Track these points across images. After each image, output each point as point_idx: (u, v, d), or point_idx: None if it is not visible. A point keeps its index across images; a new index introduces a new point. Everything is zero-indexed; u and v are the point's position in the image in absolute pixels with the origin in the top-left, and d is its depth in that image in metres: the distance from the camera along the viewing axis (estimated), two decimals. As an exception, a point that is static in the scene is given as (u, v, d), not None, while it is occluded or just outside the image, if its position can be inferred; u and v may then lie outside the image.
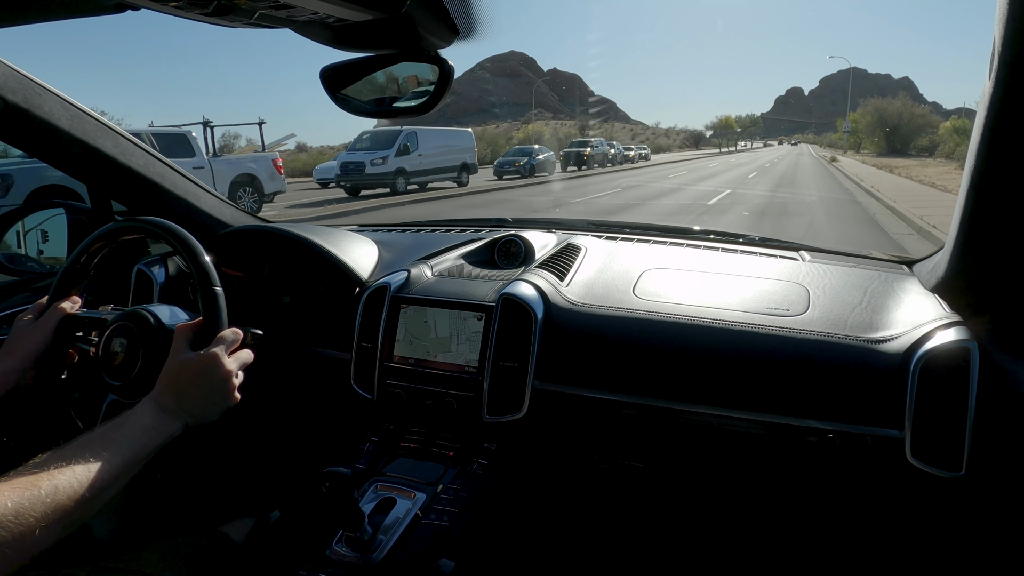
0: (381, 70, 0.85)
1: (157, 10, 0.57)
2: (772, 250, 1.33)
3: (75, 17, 0.74)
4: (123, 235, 0.96)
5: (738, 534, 1.22)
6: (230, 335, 0.83)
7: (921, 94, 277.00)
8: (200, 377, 0.78)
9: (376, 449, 1.07)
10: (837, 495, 1.06)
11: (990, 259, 0.88)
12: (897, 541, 1.06)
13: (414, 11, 0.63)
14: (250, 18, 0.59)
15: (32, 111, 1.04)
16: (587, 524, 1.27)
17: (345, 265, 1.24)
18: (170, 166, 1.31)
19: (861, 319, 0.99)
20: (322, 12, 0.60)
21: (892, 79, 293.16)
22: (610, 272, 1.19)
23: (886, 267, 1.22)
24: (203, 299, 0.85)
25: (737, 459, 1.05)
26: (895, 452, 0.87)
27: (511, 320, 1.04)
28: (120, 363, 0.86)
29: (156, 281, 1.24)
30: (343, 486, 0.75)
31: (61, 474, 0.62)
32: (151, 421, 0.74)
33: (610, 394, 1.01)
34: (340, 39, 0.73)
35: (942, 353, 0.87)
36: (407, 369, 1.09)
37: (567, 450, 1.15)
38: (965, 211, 0.83)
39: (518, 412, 1.02)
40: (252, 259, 1.31)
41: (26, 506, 0.57)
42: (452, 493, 0.94)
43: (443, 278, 1.20)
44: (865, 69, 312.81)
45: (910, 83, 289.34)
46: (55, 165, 1.16)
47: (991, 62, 0.66)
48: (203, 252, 0.88)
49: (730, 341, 0.97)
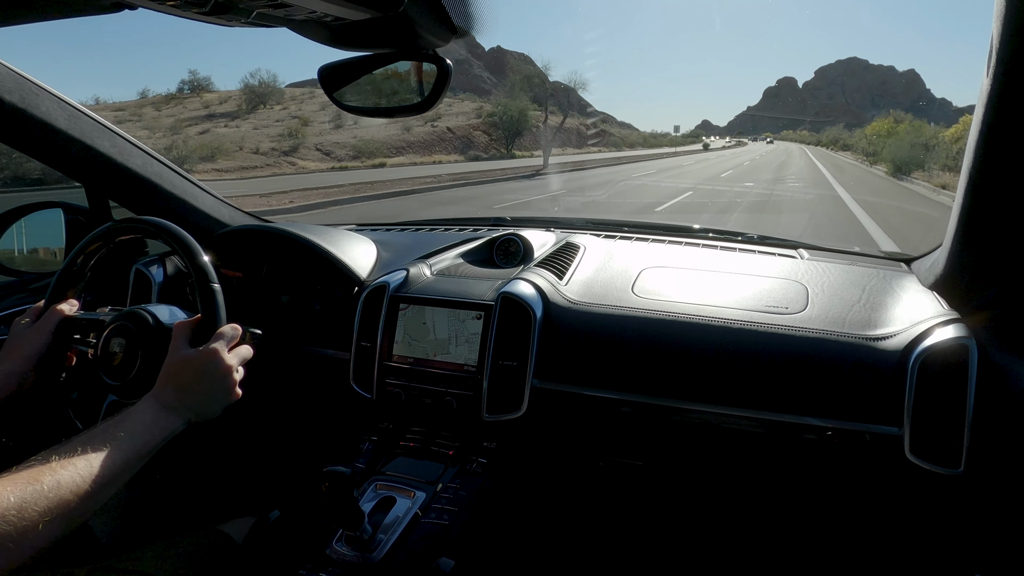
0: (379, 69, 0.85)
1: (155, 9, 0.57)
2: (771, 248, 1.33)
3: (72, 16, 0.73)
4: (120, 235, 0.96)
5: (737, 531, 1.22)
6: (229, 331, 0.83)
7: (928, 89, 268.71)
8: (200, 373, 0.78)
9: (375, 448, 1.07)
10: (836, 492, 1.06)
11: (988, 256, 0.88)
12: (896, 538, 1.07)
13: (412, 10, 0.63)
14: (248, 17, 0.59)
15: (29, 111, 1.04)
16: (586, 522, 1.27)
17: (344, 264, 1.23)
18: (168, 166, 1.31)
19: (860, 317, 0.99)
20: (320, 11, 0.60)
21: (896, 72, 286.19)
22: (609, 271, 1.19)
23: (884, 265, 1.22)
24: (201, 296, 0.85)
25: (736, 457, 1.05)
26: (894, 449, 0.88)
27: (510, 319, 1.04)
28: (119, 363, 0.86)
29: (154, 281, 1.23)
30: (343, 485, 0.75)
31: (63, 469, 0.62)
32: (152, 417, 0.74)
33: (609, 392, 1.01)
34: (338, 38, 0.73)
35: (940, 350, 0.87)
36: (406, 368, 1.09)
37: (566, 448, 1.15)
38: (963, 209, 0.83)
39: (517, 411, 1.02)
40: (250, 258, 1.31)
41: (28, 501, 0.57)
42: (451, 492, 0.94)
43: (442, 277, 1.20)
44: (867, 60, 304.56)
45: (916, 77, 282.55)
46: (53, 165, 1.15)
47: (989, 59, 0.66)
48: (201, 251, 0.88)
49: (729, 339, 0.97)
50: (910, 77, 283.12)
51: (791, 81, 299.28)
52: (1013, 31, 0.61)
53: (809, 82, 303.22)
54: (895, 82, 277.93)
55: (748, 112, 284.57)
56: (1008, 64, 0.64)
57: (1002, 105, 0.67)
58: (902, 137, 28.84)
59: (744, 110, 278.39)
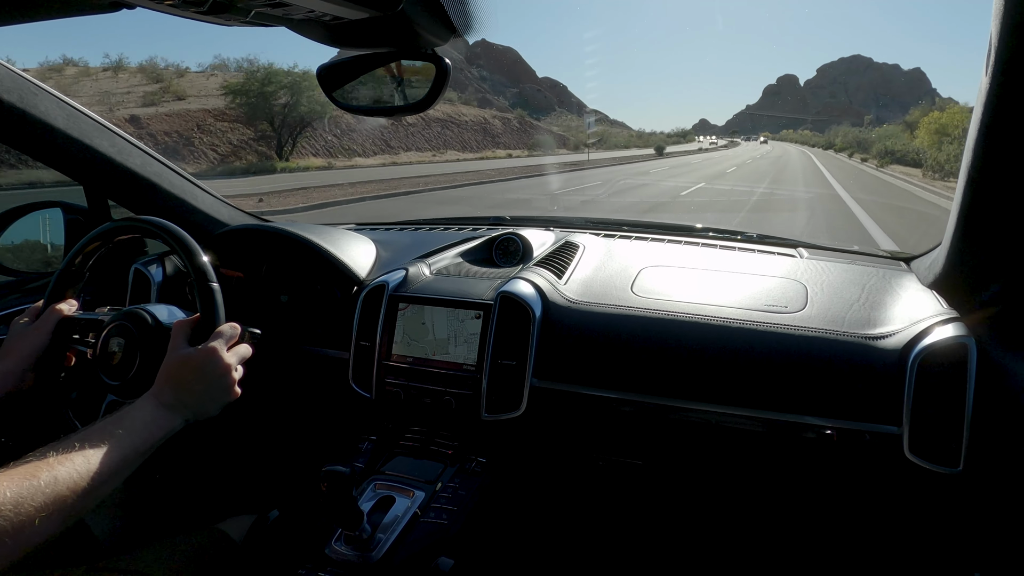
0: (378, 68, 0.85)
1: (153, 9, 0.57)
2: (770, 247, 1.33)
3: (71, 15, 0.73)
4: (119, 235, 0.96)
5: (737, 530, 1.22)
6: (228, 330, 0.83)
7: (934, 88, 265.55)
8: (199, 371, 0.78)
9: (375, 448, 1.07)
10: (835, 491, 1.06)
11: (987, 255, 0.88)
12: (895, 536, 1.07)
13: (410, 9, 0.62)
14: (246, 16, 0.59)
15: (28, 110, 1.03)
16: (586, 521, 1.27)
17: (343, 264, 1.23)
18: (167, 165, 1.31)
19: (859, 316, 0.99)
20: (318, 10, 0.60)
21: (900, 70, 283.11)
22: (608, 270, 1.19)
23: (884, 264, 1.22)
24: (200, 295, 0.85)
25: (735, 456, 1.05)
26: (893, 448, 0.88)
27: (509, 318, 1.04)
28: (118, 363, 0.86)
29: (154, 281, 1.23)
30: (342, 485, 0.75)
31: (60, 465, 0.62)
32: (151, 415, 0.74)
33: (608, 391, 1.01)
34: (336, 37, 0.73)
35: (940, 349, 0.87)
36: (405, 368, 1.09)
37: (565, 448, 1.15)
38: (962, 207, 0.83)
39: (516, 410, 1.02)
40: (250, 258, 1.31)
41: (25, 496, 0.57)
42: (451, 491, 0.94)
43: (441, 276, 1.20)
44: (870, 58, 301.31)
45: (921, 75, 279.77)
46: (51, 165, 1.15)
47: (987, 58, 0.66)
48: (200, 251, 0.88)
49: (728, 338, 0.97)
50: (915, 76, 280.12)
51: (792, 79, 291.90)
52: (1011, 30, 0.61)
53: (811, 80, 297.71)
54: (899, 81, 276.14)
55: (747, 111, 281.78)
56: (1006, 63, 0.64)
57: (1001, 104, 0.67)
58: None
59: (743, 108, 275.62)
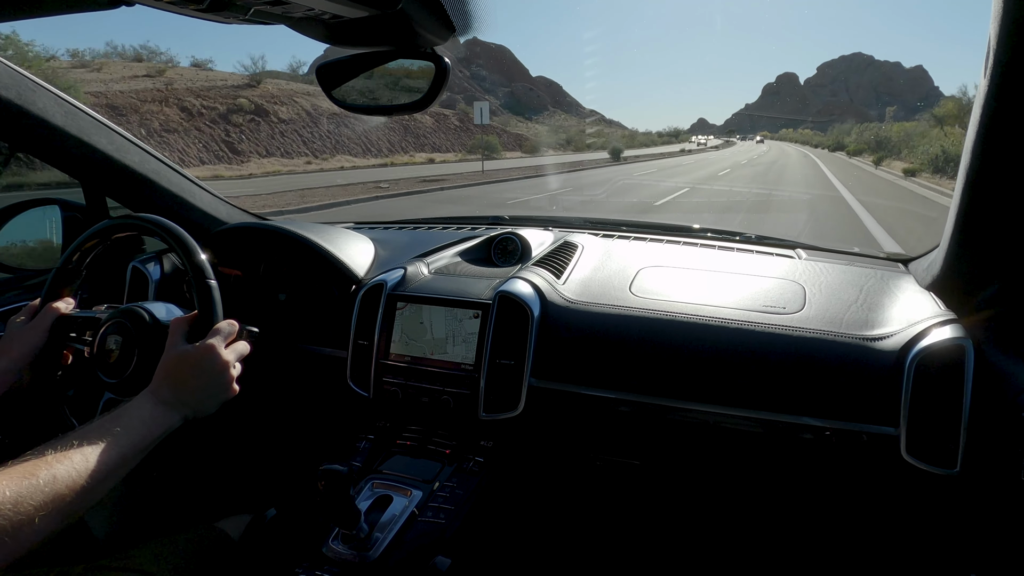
0: (377, 67, 0.85)
1: (152, 6, 0.57)
2: (768, 248, 1.33)
3: (70, 12, 0.73)
4: (117, 233, 0.96)
5: (734, 531, 1.22)
6: (226, 327, 0.83)
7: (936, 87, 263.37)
8: (197, 368, 0.78)
9: (372, 447, 1.07)
10: (832, 492, 1.06)
11: (985, 257, 0.88)
12: (892, 537, 1.07)
13: (409, 8, 0.62)
14: (245, 14, 0.59)
15: (26, 107, 1.03)
16: (583, 521, 1.27)
17: (341, 263, 1.23)
18: (165, 163, 1.31)
19: (857, 317, 0.99)
20: (317, 8, 0.60)
21: (902, 68, 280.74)
22: (607, 270, 1.19)
23: (882, 265, 1.23)
24: (198, 292, 0.85)
25: (733, 456, 1.05)
26: (890, 449, 0.88)
27: (508, 318, 1.04)
28: (115, 361, 0.86)
29: (151, 278, 1.23)
30: (339, 484, 0.75)
31: (59, 464, 0.61)
32: (149, 413, 0.74)
33: (607, 392, 1.01)
34: (336, 36, 0.73)
35: (937, 351, 0.87)
36: (403, 367, 1.09)
37: (563, 448, 1.15)
38: (960, 209, 0.83)
39: (514, 410, 1.02)
40: (248, 256, 1.31)
41: (24, 495, 0.57)
42: (448, 491, 0.94)
43: (439, 276, 1.19)
44: (871, 56, 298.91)
45: (923, 73, 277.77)
46: (49, 162, 1.15)
47: (986, 60, 0.66)
48: (198, 248, 0.88)
49: (726, 339, 0.97)
50: (917, 74, 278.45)
51: (792, 77, 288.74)
52: (1010, 31, 0.61)
53: (811, 79, 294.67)
54: (901, 79, 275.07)
55: (745, 111, 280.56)
56: (1005, 64, 0.64)
57: (999, 105, 0.67)
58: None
59: (742, 108, 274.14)
